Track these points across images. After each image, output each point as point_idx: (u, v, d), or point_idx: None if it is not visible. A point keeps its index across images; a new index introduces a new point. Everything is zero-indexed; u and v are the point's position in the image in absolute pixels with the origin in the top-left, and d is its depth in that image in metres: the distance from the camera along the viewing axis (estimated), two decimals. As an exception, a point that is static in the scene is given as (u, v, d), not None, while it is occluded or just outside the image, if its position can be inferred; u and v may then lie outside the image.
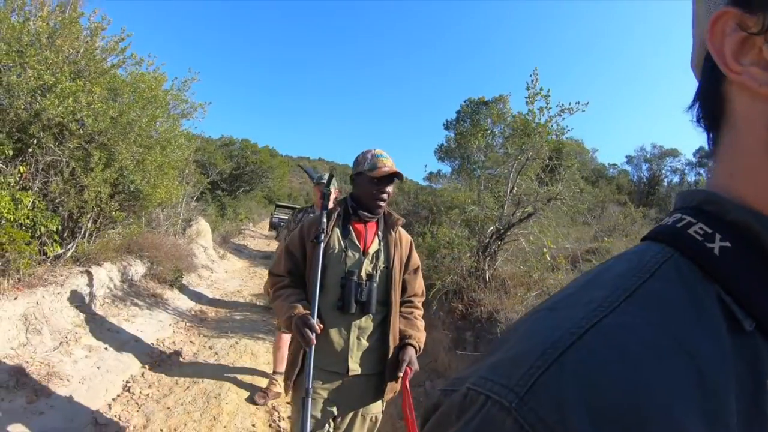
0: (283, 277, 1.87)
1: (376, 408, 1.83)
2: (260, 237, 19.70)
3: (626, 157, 27.52)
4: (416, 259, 2.00)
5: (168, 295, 5.65)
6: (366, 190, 1.83)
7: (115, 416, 2.89)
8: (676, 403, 0.28)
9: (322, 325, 1.68)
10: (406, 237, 1.99)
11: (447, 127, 14.39)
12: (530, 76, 4.86)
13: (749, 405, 0.31)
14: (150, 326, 4.52)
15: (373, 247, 1.87)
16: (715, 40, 0.36)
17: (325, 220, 1.82)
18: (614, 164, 29.15)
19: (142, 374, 3.53)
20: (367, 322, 1.81)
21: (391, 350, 1.80)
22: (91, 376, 3.26)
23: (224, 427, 2.86)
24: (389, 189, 1.85)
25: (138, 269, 5.60)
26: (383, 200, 1.85)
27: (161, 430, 2.77)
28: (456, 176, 12.00)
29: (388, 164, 1.82)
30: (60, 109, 3.74)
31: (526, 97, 4.84)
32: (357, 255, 1.84)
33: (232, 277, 8.72)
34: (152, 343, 4.15)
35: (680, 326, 0.32)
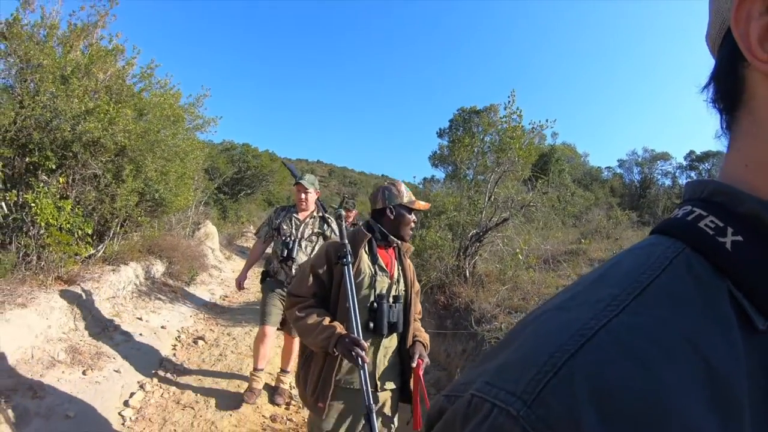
0: (306, 298, 1.91)
1: (395, 419, 1.97)
2: (262, 239, 20.31)
3: (618, 160, 28.02)
4: (417, 284, 2.17)
5: (185, 291, 6.33)
6: (404, 220, 2.00)
7: (157, 385, 3.56)
8: (690, 407, 0.27)
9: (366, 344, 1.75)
10: (410, 263, 2.16)
11: (440, 135, 15.02)
12: (508, 97, 5.55)
13: (762, 404, 0.31)
14: (174, 317, 5.19)
15: (396, 272, 2.03)
16: (739, 23, 0.34)
17: (347, 242, 1.89)
18: (609, 167, 29.59)
19: (174, 354, 4.21)
20: (391, 342, 1.95)
21: (407, 355, 1.97)
22: (132, 355, 3.92)
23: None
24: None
25: (158, 268, 6.26)
26: (413, 229, 2.09)
27: (195, 396, 3.44)
28: (449, 182, 12.66)
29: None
30: (101, 131, 4.40)
31: (501, 117, 5.54)
32: (386, 279, 1.97)
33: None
34: (178, 330, 4.84)
35: (692, 325, 0.31)
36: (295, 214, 3.65)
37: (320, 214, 3.71)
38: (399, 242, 2.04)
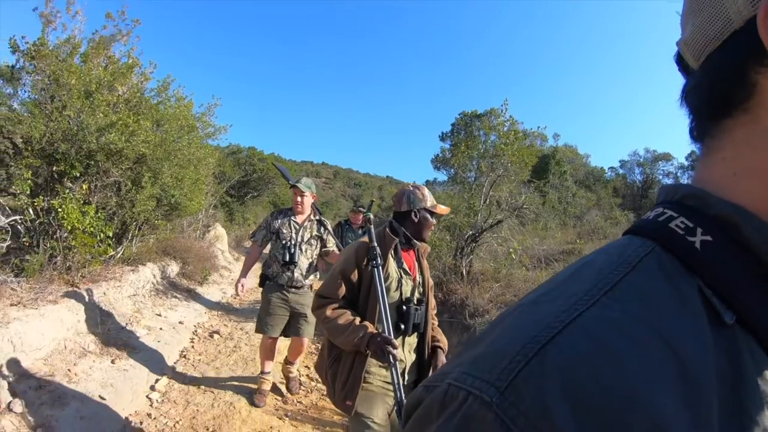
0: (335, 300, 1.99)
1: None
2: (268, 241, 20.80)
3: (620, 161, 28.10)
4: (431, 280, 2.27)
5: (199, 290, 6.73)
6: (427, 223, 2.09)
7: (179, 372, 3.93)
8: (658, 396, 0.28)
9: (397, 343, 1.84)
10: (426, 263, 2.26)
11: (442, 139, 15.34)
12: (501, 105, 5.90)
13: (729, 397, 0.31)
14: (189, 313, 5.57)
15: (418, 275, 2.13)
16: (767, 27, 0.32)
17: (375, 243, 1.95)
18: (613, 167, 29.68)
19: (192, 346, 4.59)
20: (415, 339, 2.06)
21: (427, 356, 2.08)
22: (155, 347, 4.29)
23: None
24: None
25: (173, 268, 6.65)
26: (432, 231, 2.18)
27: (214, 379, 3.82)
28: (451, 184, 13.00)
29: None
30: (124, 143, 4.78)
31: (494, 126, 5.88)
32: (410, 282, 2.08)
33: (248, 276, 9.78)
34: (195, 325, 5.22)
35: (661, 319, 0.32)
36: (293, 218, 3.66)
37: (317, 217, 3.74)
38: (418, 243, 2.13)
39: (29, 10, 5.21)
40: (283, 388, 3.91)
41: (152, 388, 3.61)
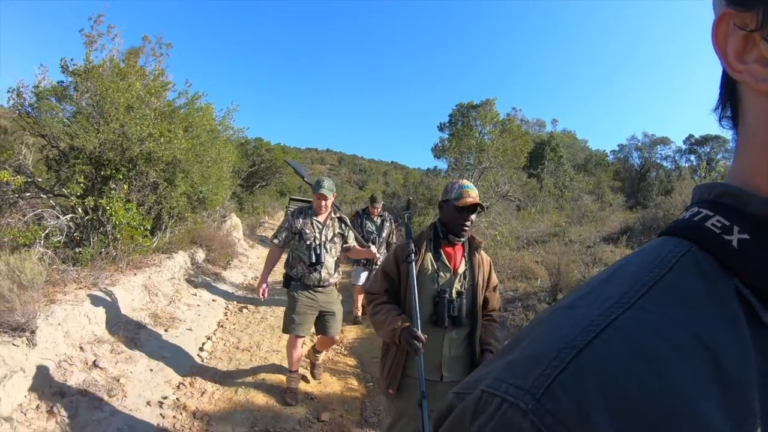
0: (379, 295, 2.08)
1: None
2: (279, 229, 21.71)
3: (618, 145, 28.37)
4: (495, 278, 2.22)
5: (224, 274, 7.64)
6: (451, 216, 2.04)
7: (219, 338, 4.84)
8: (699, 401, 0.28)
9: (426, 336, 1.87)
10: (487, 258, 2.20)
11: (441, 129, 16.01)
12: (487, 100, 6.67)
13: None
14: (220, 293, 6.49)
15: (462, 268, 2.08)
16: (719, 42, 0.37)
17: (411, 241, 2.03)
18: (614, 150, 29.87)
19: (227, 318, 5.51)
20: (457, 334, 2.03)
21: (477, 357, 2.04)
22: (197, 319, 5.20)
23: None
24: (472, 217, 2.06)
25: (200, 255, 7.55)
26: (467, 227, 2.05)
27: (249, 343, 4.72)
28: (451, 172, 13.75)
29: (472, 195, 2.02)
30: (163, 150, 5.64)
31: (488, 117, 6.67)
32: (448, 275, 2.05)
33: (264, 262, 10.66)
34: (226, 302, 6.14)
35: (699, 321, 0.32)
36: (314, 217, 3.65)
37: (337, 214, 3.78)
38: (456, 239, 2.09)
39: (36, 14, 5.99)
40: (307, 372, 4.26)
41: (201, 348, 4.51)
